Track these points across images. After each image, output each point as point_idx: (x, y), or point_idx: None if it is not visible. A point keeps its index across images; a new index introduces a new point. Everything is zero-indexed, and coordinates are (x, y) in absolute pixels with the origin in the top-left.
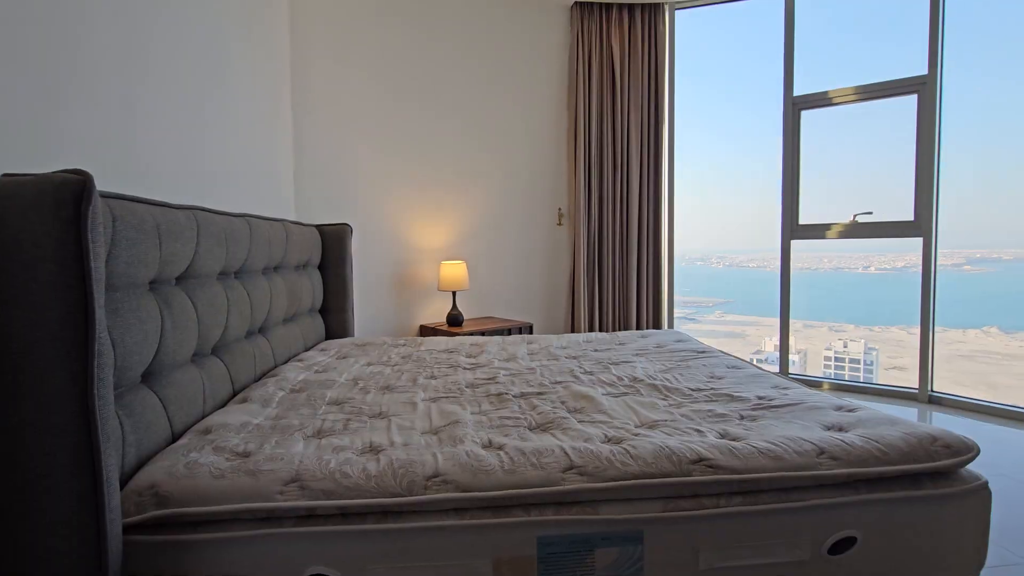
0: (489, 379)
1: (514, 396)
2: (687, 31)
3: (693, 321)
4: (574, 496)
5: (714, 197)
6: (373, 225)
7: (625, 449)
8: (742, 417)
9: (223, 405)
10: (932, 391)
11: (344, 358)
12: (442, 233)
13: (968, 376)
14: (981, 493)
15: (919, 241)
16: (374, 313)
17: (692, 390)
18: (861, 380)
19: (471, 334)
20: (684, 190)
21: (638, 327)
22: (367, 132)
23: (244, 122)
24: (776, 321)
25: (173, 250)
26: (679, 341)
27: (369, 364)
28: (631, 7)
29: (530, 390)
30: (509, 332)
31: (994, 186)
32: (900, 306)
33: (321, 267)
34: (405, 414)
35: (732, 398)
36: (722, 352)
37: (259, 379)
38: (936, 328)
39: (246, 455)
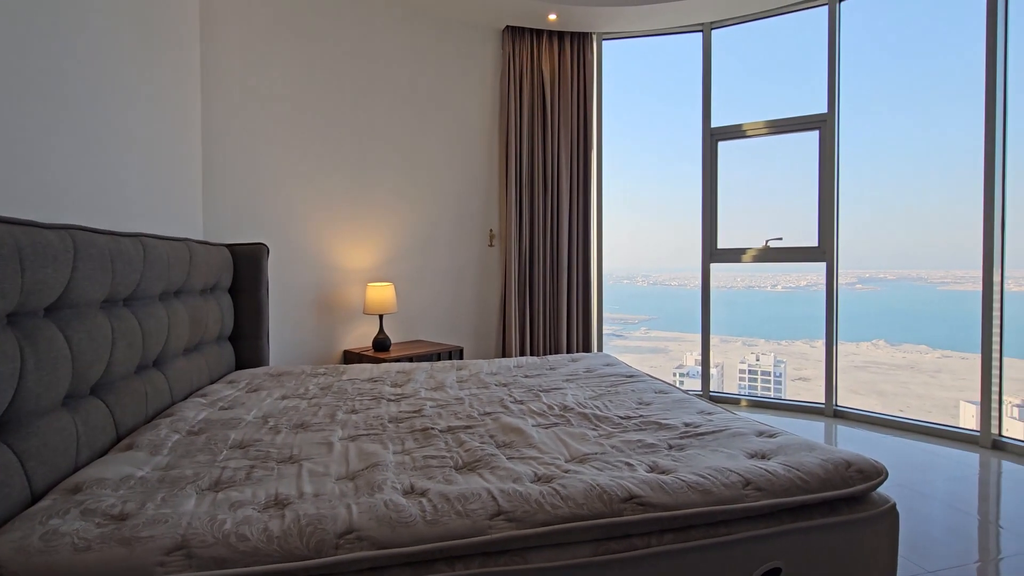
0: (415, 412)
1: (441, 431)
2: (614, 61)
3: (620, 337)
4: (502, 545)
5: (639, 219)
6: (293, 245)
7: (555, 489)
8: (670, 447)
9: (103, 454)
10: (837, 406)
11: (255, 391)
12: (368, 254)
13: (862, 385)
14: (890, 514)
15: (823, 264)
16: (294, 339)
17: (622, 418)
18: (773, 396)
19: (398, 360)
20: (611, 212)
21: (568, 348)
22: (287, 147)
23: (143, 130)
24: (696, 336)
25: (40, 277)
26: (608, 365)
27: (284, 397)
28: (560, 34)
29: (458, 423)
30: (439, 357)
31: (880, 213)
32: (804, 322)
33: (233, 290)
34: (319, 457)
35: (660, 426)
36: (649, 376)
37: (151, 420)
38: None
39: (122, 518)
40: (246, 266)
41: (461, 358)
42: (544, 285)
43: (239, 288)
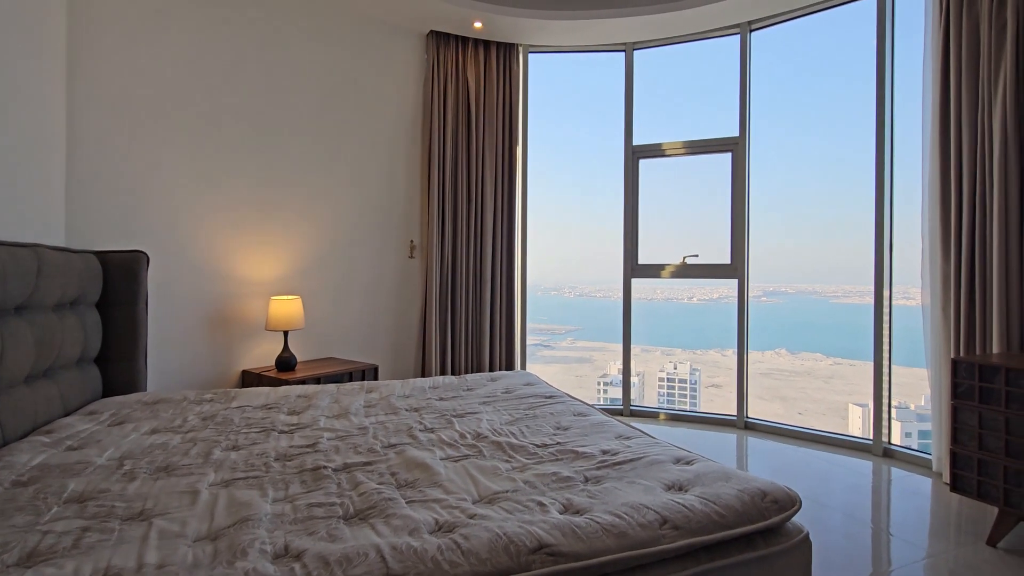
0: (308, 446)
1: (334, 470)
2: (541, 74)
3: (547, 348)
4: None
5: (563, 232)
6: (183, 253)
7: (456, 542)
8: (586, 479)
9: None
10: (748, 418)
11: (120, 424)
12: (273, 265)
13: (766, 391)
14: (804, 544)
15: (735, 280)
16: (181, 360)
17: (538, 446)
18: (689, 407)
19: (304, 381)
20: (536, 224)
21: (491, 364)
22: (176, 144)
23: None
24: (619, 347)
25: None
26: (528, 384)
27: (153, 432)
28: (487, 43)
29: (356, 459)
30: (351, 376)
31: (783, 232)
32: (716, 332)
33: (103, 304)
34: (178, 511)
35: (577, 455)
36: (569, 396)
37: None
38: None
39: None
40: (119, 276)
41: (376, 377)
42: (467, 299)
43: (110, 302)
